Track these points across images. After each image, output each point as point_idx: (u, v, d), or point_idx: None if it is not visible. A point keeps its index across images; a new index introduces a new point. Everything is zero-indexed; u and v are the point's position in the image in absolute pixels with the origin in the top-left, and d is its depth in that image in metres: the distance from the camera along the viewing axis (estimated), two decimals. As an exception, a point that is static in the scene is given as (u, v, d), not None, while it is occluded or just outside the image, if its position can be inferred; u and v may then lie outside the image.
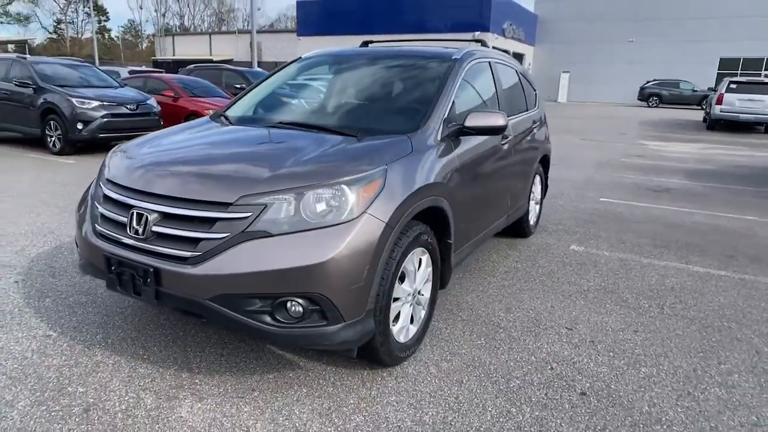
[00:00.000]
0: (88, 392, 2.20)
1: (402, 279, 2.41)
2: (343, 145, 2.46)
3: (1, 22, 49.27)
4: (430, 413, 2.15)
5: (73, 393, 2.20)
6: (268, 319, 1.99)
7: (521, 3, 33.86)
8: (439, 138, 2.72)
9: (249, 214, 1.98)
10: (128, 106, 8.52)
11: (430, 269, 2.66)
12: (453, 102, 2.94)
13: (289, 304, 1.98)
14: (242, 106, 3.38)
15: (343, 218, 2.02)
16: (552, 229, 5.08)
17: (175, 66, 27.38)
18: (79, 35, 60.82)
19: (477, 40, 4.06)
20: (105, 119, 8.21)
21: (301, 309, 1.99)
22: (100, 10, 62.39)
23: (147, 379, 2.32)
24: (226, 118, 3.17)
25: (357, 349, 2.21)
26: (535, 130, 4.38)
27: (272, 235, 1.96)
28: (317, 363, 2.49)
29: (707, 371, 2.56)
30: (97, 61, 32.28)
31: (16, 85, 8.42)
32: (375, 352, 2.31)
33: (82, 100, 8.10)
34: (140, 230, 2.11)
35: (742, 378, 2.51)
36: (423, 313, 2.67)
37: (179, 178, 2.18)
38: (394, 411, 2.16)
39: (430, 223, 2.63)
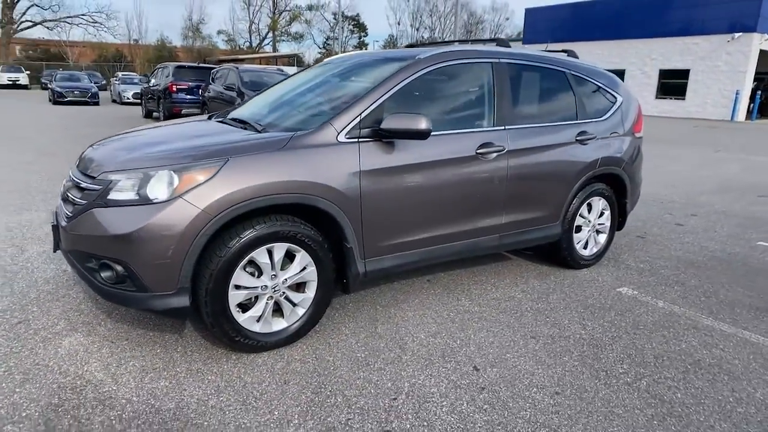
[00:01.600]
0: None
1: (259, 271, 2.49)
2: (231, 136, 2.65)
3: (283, 40, 60.90)
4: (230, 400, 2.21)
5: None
6: (99, 276, 2.35)
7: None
8: (342, 138, 2.66)
9: (100, 187, 2.36)
10: None
11: (313, 269, 2.64)
12: (380, 103, 2.80)
13: (109, 267, 2.30)
14: (247, 106, 3.78)
15: (158, 199, 2.24)
16: (630, 265, 4.18)
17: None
18: (342, 50, 70.90)
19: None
20: None
21: (115, 273, 2.29)
22: (361, 27, 71.39)
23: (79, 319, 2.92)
24: (227, 114, 3.63)
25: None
26: (582, 144, 3.69)
27: (107, 206, 2.30)
28: (193, 333, 2.75)
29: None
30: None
31: (224, 88, 10.62)
32: (223, 335, 2.46)
33: None
34: (61, 194, 2.71)
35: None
36: (301, 311, 2.67)
37: (93, 158, 2.70)
38: (197, 386, 2.28)
39: (316, 222, 2.63)
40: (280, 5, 56.92)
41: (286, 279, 2.57)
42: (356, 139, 2.70)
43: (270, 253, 2.49)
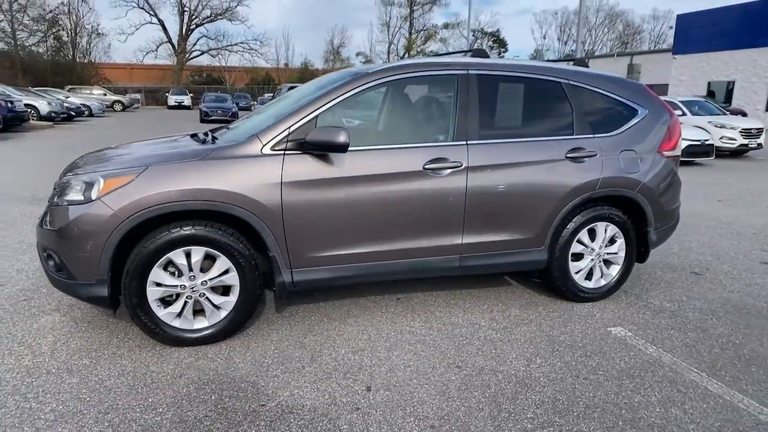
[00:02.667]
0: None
1: (179, 271, 2.72)
2: (172, 149, 2.93)
3: (418, 58, 62.59)
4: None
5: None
6: (48, 264, 2.77)
7: None
8: (267, 151, 2.78)
9: (60, 189, 2.79)
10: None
11: (234, 274, 2.79)
12: (313, 117, 2.87)
13: (51, 257, 2.71)
14: (237, 122, 4.02)
15: (82, 200, 2.59)
16: (651, 304, 3.63)
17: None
18: (481, 67, 70.29)
19: (476, 50, 3.46)
20: None
21: (54, 262, 2.69)
22: (501, 43, 70.16)
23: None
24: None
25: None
26: (575, 162, 3.32)
27: (58, 206, 2.71)
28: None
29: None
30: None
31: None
32: (143, 326, 2.73)
33: None
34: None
35: None
36: (224, 313, 2.84)
37: (69, 167, 3.15)
38: (108, 367, 2.56)
39: (243, 229, 2.79)
40: (416, 25, 58.73)
41: (206, 281, 2.76)
42: (282, 152, 2.80)
43: (188, 255, 2.70)
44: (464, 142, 3.13)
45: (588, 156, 3.38)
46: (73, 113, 20.87)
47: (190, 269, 2.72)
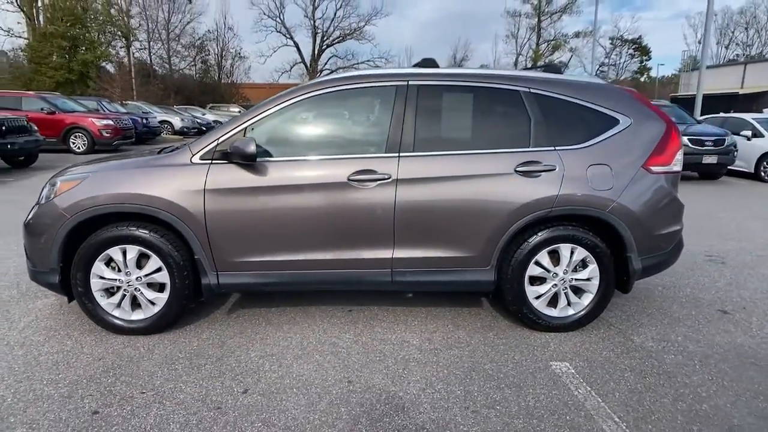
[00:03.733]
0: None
1: (119, 267, 3.06)
2: (126, 159, 3.30)
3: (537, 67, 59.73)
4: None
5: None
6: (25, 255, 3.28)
7: None
8: (195, 160, 3.01)
9: (43, 192, 3.30)
10: None
11: (165, 272, 3.06)
12: (242, 129, 3.03)
13: (24, 247, 3.21)
14: None
15: (45, 201, 3.05)
16: (630, 343, 3.19)
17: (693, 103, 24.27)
18: (618, 77, 65.20)
19: (426, 60, 3.33)
20: None
21: (25, 252, 3.18)
22: (643, 50, 64.34)
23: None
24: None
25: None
26: (526, 176, 3.05)
27: (38, 204, 3.21)
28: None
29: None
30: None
31: None
32: (88, 313, 3.11)
33: None
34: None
35: None
36: (156, 309, 3.11)
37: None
38: (50, 350, 2.97)
39: (175, 232, 3.05)
40: (545, 35, 56.43)
41: (140, 277, 3.06)
42: (209, 161, 3.01)
43: (124, 253, 3.02)
44: (396, 155, 3.06)
45: (545, 170, 3.08)
46: (204, 128, 23.72)
47: (126, 266, 3.04)
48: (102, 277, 3.05)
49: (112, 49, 30.74)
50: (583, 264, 3.22)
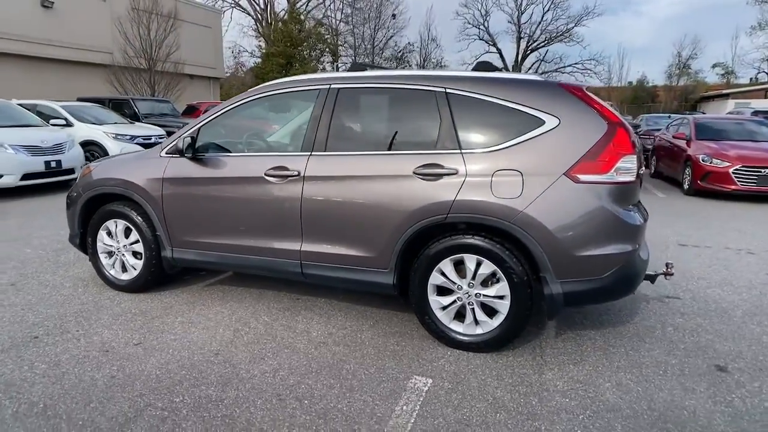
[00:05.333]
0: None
1: (113, 234, 3.92)
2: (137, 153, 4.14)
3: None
4: None
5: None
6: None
7: None
8: (163, 154, 3.66)
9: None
10: None
11: (140, 244, 3.80)
12: (196, 129, 3.56)
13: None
14: None
15: (75, 182, 4.06)
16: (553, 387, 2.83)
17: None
18: None
19: (361, 65, 3.35)
20: None
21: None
22: None
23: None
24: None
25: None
26: (424, 179, 2.92)
27: (73, 185, 4.27)
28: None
29: None
30: None
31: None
32: (96, 269, 4.05)
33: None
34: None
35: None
36: (135, 273, 3.87)
37: None
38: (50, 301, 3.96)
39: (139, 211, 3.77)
40: (806, 24, 45.03)
41: (126, 245, 3.86)
42: (169, 155, 3.64)
43: (116, 225, 3.85)
44: (307, 153, 3.24)
45: (446, 174, 2.90)
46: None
47: (116, 236, 3.87)
48: (104, 243, 3.94)
49: (320, 64, 35.20)
50: (496, 279, 2.92)
